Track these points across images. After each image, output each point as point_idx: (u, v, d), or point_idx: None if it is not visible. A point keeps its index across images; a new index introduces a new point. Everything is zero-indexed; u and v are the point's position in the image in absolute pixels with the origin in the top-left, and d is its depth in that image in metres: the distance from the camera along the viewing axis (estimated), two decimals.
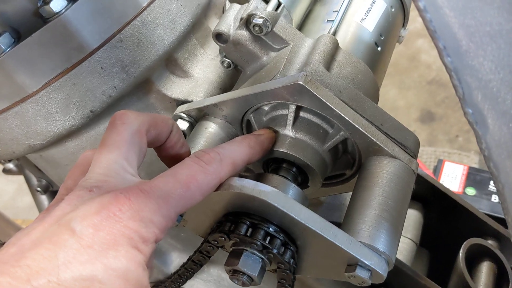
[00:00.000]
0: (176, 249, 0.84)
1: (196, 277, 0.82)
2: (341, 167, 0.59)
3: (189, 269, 0.58)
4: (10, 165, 1.01)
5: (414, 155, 0.54)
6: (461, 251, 0.76)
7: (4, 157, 0.65)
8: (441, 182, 1.24)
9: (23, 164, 0.96)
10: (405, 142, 0.54)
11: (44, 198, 1.00)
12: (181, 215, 0.54)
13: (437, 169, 1.25)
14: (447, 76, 0.29)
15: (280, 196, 0.45)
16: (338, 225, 0.72)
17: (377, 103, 0.59)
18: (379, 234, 0.48)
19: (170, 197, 0.37)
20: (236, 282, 0.48)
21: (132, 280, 0.32)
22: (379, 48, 0.63)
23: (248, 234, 0.46)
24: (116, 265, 0.31)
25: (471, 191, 1.29)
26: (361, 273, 0.47)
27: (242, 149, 0.48)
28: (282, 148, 0.54)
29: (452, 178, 1.22)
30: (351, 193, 0.54)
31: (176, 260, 0.84)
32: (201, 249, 0.52)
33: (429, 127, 1.97)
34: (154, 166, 0.71)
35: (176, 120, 0.61)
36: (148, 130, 0.43)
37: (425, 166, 1.42)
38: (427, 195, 0.88)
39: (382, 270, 0.47)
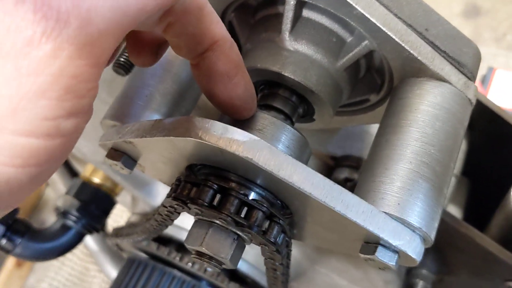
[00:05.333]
0: None
1: None
2: (362, 91, 0.41)
3: (156, 224, 0.44)
4: None
5: (472, 76, 0.37)
6: None
7: None
8: (490, 95, 1.03)
9: None
10: (460, 57, 0.36)
11: None
12: (135, 160, 0.39)
13: (486, 79, 1.03)
14: None
15: (260, 147, 0.29)
16: (358, 160, 0.55)
17: None
18: (413, 201, 0.32)
19: None
20: (203, 265, 0.34)
21: None
22: None
23: (215, 203, 0.31)
24: None
25: None
26: (383, 256, 0.32)
27: None
28: (274, 67, 0.36)
29: (505, 91, 1.00)
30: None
31: (163, 191, 0.70)
32: (159, 211, 0.37)
33: (473, 23, 1.71)
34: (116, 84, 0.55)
35: None
36: None
37: None
38: (473, 114, 0.70)
39: (416, 252, 0.32)
